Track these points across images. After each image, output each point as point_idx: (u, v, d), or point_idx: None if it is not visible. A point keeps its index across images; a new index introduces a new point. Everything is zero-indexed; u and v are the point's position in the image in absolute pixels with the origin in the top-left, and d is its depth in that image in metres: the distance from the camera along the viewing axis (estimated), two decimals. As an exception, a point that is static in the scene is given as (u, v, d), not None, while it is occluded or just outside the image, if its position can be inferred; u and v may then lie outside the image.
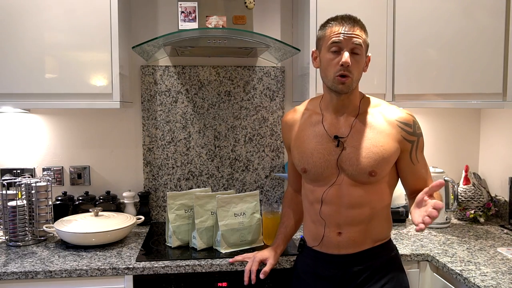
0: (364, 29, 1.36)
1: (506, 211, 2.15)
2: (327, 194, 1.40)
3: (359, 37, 1.32)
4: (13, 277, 1.53)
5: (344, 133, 1.39)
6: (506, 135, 2.20)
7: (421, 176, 1.44)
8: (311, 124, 1.46)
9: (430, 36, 1.89)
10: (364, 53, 1.36)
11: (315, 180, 1.43)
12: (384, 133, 1.37)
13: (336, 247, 1.42)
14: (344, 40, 1.31)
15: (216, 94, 2.24)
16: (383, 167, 1.37)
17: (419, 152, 1.42)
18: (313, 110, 1.48)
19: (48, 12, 1.80)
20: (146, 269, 1.58)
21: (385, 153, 1.36)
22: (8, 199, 1.84)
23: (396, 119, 1.39)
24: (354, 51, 1.32)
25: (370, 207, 1.39)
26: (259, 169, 2.29)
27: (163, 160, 2.22)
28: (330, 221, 1.41)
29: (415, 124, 1.40)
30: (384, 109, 1.42)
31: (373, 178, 1.37)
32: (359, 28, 1.33)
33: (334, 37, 1.32)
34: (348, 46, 1.31)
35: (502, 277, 1.45)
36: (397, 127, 1.38)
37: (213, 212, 1.77)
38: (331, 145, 1.40)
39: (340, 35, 1.31)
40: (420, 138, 1.41)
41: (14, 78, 1.80)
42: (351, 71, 1.32)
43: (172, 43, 1.82)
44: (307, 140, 1.44)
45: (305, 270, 1.50)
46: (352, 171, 1.37)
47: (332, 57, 1.33)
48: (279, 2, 2.26)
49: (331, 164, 1.39)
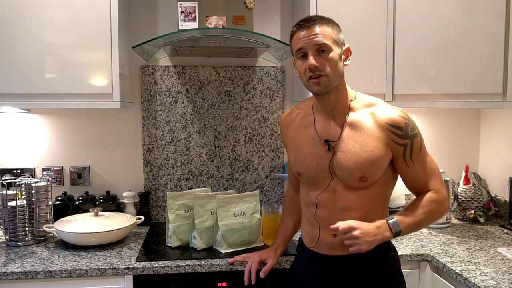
0: (327, 22, 1.32)
1: (506, 211, 2.15)
2: (321, 198, 1.40)
3: (319, 35, 1.29)
4: (13, 277, 1.53)
5: (335, 136, 1.37)
6: (506, 135, 2.20)
7: (419, 178, 1.39)
8: (304, 126, 1.45)
9: (430, 36, 1.89)
10: (335, 48, 1.31)
11: (309, 184, 1.43)
12: (374, 137, 1.34)
13: (332, 248, 1.41)
14: (305, 44, 1.30)
15: (216, 94, 2.24)
16: (373, 172, 1.34)
17: (414, 154, 1.35)
18: (306, 112, 1.47)
19: (48, 12, 1.80)
20: (146, 269, 1.58)
21: (374, 158, 1.32)
22: (8, 199, 1.84)
23: (386, 121, 1.33)
24: (321, 49, 1.30)
25: (365, 211, 1.37)
26: (259, 169, 2.29)
27: (163, 160, 2.22)
28: (325, 224, 1.40)
29: (407, 126, 1.34)
30: (376, 110, 1.37)
31: (364, 183, 1.35)
32: (318, 26, 1.31)
33: (296, 44, 1.33)
34: (311, 48, 1.30)
35: (502, 277, 1.45)
36: (387, 130, 1.33)
37: (213, 212, 1.77)
38: (323, 149, 1.38)
39: (300, 40, 1.31)
40: (415, 140, 1.35)
41: (14, 78, 1.80)
42: (323, 70, 1.30)
43: (172, 43, 1.82)
44: (300, 142, 1.44)
45: (303, 270, 1.50)
46: (343, 176, 1.36)
47: (302, 63, 1.33)
48: (279, 2, 2.26)
49: (323, 168, 1.38)
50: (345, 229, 1.26)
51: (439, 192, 1.40)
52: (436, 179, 1.40)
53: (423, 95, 1.93)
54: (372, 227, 1.29)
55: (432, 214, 1.38)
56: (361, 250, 1.26)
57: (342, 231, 1.27)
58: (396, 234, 1.31)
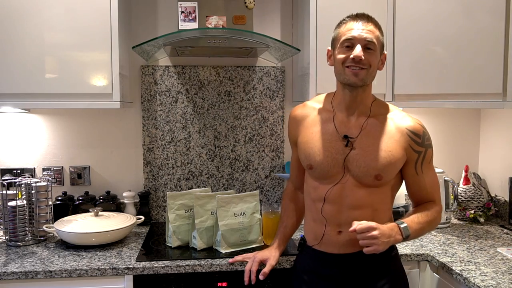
0: (379, 27, 1.38)
1: (506, 211, 2.15)
2: (331, 193, 1.41)
3: (372, 34, 1.34)
4: (13, 277, 1.53)
5: (354, 133, 1.40)
6: (506, 135, 2.20)
7: (424, 187, 1.44)
8: (321, 121, 1.46)
9: (430, 36, 1.89)
10: (378, 50, 1.36)
11: (320, 178, 1.43)
12: (393, 139, 1.38)
13: (336, 246, 1.42)
14: (357, 36, 1.33)
15: (216, 94, 2.24)
16: (389, 172, 1.38)
17: (425, 163, 1.41)
18: (324, 107, 1.48)
19: (48, 12, 1.80)
20: (146, 269, 1.59)
21: (392, 158, 1.37)
22: (8, 199, 1.84)
23: (406, 127, 1.39)
24: (367, 47, 1.33)
25: (372, 209, 1.40)
26: (259, 169, 2.29)
27: (163, 160, 2.22)
28: (331, 220, 1.41)
29: (424, 135, 1.40)
30: (396, 115, 1.42)
31: (378, 182, 1.38)
32: (372, 25, 1.35)
33: (347, 33, 1.34)
34: (361, 42, 1.33)
35: (502, 277, 1.45)
36: (406, 135, 1.38)
37: (213, 212, 1.77)
38: (340, 144, 1.40)
39: (353, 31, 1.34)
40: (428, 150, 1.41)
41: (14, 78, 1.80)
42: (365, 64, 1.33)
43: (172, 43, 1.82)
44: (316, 136, 1.44)
45: (305, 270, 1.50)
46: (358, 173, 1.38)
47: (345, 52, 1.35)
48: (279, 2, 2.26)
49: (338, 163, 1.40)
50: (363, 229, 1.27)
51: (439, 205, 1.47)
52: (438, 191, 1.48)
53: (423, 95, 1.93)
54: (387, 229, 1.31)
55: (432, 224, 1.44)
56: (378, 251, 1.28)
57: (360, 230, 1.27)
58: (405, 238, 1.35)
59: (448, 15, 1.85)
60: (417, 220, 1.38)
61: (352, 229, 1.29)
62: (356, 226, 1.28)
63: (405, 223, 1.36)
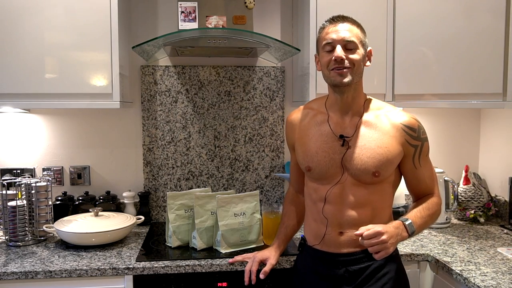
0: (357, 24, 1.40)
1: (506, 211, 2.15)
2: (331, 193, 1.41)
3: (350, 32, 1.36)
4: (13, 277, 1.53)
5: (350, 132, 1.41)
6: (506, 135, 2.20)
7: (424, 180, 1.45)
8: (316, 123, 1.47)
9: (430, 36, 1.89)
10: (360, 48, 1.37)
11: (319, 179, 1.44)
12: (389, 135, 1.39)
13: (337, 246, 1.42)
14: (336, 38, 1.35)
15: (216, 94, 2.24)
16: (386, 168, 1.38)
17: (422, 156, 1.42)
18: (318, 110, 1.49)
19: (48, 12, 1.80)
20: (146, 269, 1.59)
21: (389, 154, 1.37)
22: (8, 199, 1.84)
23: (401, 122, 1.40)
24: (347, 47, 1.35)
25: (373, 207, 1.40)
26: (259, 169, 2.29)
27: (163, 160, 2.22)
28: (332, 220, 1.42)
29: (420, 129, 1.41)
30: (389, 112, 1.43)
31: (377, 179, 1.38)
32: (350, 24, 1.37)
33: (326, 36, 1.37)
34: (340, 43, 1.35)
35: (502, 277, 1.45)
36: (401, 130, 1.39)
37: (213, 212, 1.77)
38: (336, 144, 1.41)
39: (331, 33, 1.36)
40: (424, 143, 1.42)
41: (14, 78, 1.80)
42: (348, 63, 1.35)
43: (172, 43, 1.82)
44: (312, 138, 1.45)
45: (306, 269, 1.51)
46: (356, 171, 1.38)
47: (328, 55, 1.37)
48: (279, 2, 2.26)
49: (335, 163, 1.41)
50: (370, 235, 1.25)
51: (439, 196, 1.48)
52: (436, 184, 1.49)
53: (423, 95, 1.93)
54: (394, 229, 1.31)
55: (433, 217, 1.44)
56: (389, 253, 1.28)
57: (367, 236, 1.26)
58: (411, 235, 1.35)
59: (448, 15, 1.85)
60: (420, 215, 1.39)
61: (358, 233, 1.27)
62: (363, 231, 1.26)
63: (410, 219, 1.36)
